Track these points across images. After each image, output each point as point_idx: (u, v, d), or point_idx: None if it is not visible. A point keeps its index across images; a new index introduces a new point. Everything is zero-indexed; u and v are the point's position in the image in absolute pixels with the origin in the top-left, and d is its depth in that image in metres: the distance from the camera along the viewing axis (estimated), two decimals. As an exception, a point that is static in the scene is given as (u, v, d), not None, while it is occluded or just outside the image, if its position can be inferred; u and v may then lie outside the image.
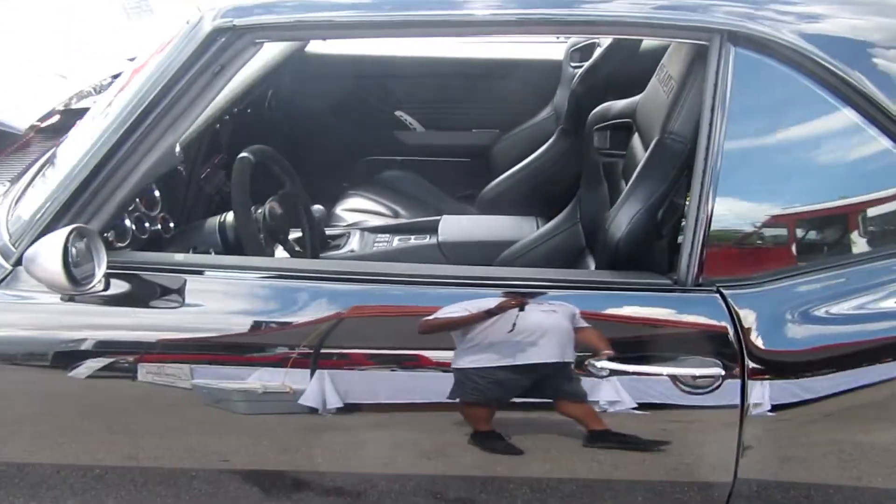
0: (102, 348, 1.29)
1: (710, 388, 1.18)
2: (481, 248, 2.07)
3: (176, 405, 1.32)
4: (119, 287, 1.29)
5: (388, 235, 2.24)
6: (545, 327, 1.20)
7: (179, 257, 1.35)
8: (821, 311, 1.18)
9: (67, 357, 1.30)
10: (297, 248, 1.96)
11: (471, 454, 1.28)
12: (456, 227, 2.17)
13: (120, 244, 1.66)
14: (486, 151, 2.82)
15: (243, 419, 1.30)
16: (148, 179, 1.35)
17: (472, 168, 2.88)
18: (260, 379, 1.26)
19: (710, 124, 1.17)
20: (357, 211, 2.59)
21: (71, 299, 1.27)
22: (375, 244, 2.20)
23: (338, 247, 2.18)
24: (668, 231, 1.35)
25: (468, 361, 1.21)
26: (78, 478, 1.43)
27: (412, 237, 2.20)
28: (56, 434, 1.39)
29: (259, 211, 1.71)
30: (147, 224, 1.79)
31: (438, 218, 2.24)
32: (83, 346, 1.29)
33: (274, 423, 1.32)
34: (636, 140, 1.59)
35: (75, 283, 1.15)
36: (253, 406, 1.29)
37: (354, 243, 2.19)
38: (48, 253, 1.11)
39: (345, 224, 2.47)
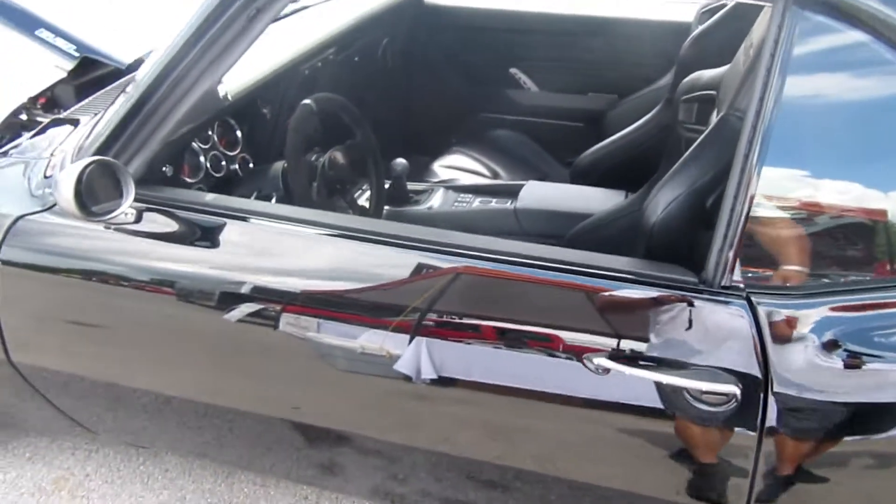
0: (141, 276, 1.35)
1: (725, 407, 1.03)
2: (556, 218, 1.95)
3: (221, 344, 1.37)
4: (152, 222, 1.34)
5: (470, 196, 2.17)
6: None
7: (217, 199, 1.37)
8: (870, 339, 0.98)
9: (114, 283, 1.38)
10: (361, 203, 1.96)
11: (528, 443, 1.22)
12: (538, 194, 2.06)
13: (191, 179, 1.74)
14: (601, 117, 2.65)
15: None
16: (189, 121, 1.38)
17: (585, 133, 2.72)
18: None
19: (763, 98, 0.99)
20: (455, 168, 2.54)
21: (108, 228, 1.34)
22: (456, 203, 2.14)
23: (417, 202, 2.15)
24: None
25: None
26: (150, 400, 1.54)
27: (493, 200, 2.12)
28: (138, 360, 1.48)
29: (320, 160, 1.71)
30: (224, 163, 1.86)
31: (523, 183, 2.13)
32: (127, 274, 1.36)
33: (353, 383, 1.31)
34: (714, 116, 1.40)
35: (87, 212, 1.20)
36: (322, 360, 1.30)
37: (435, 200, 2.15)
38: (66, 181, 1.17)
39: (436, 180, 2.43)
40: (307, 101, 1.65)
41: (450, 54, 2.78)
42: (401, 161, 2.09)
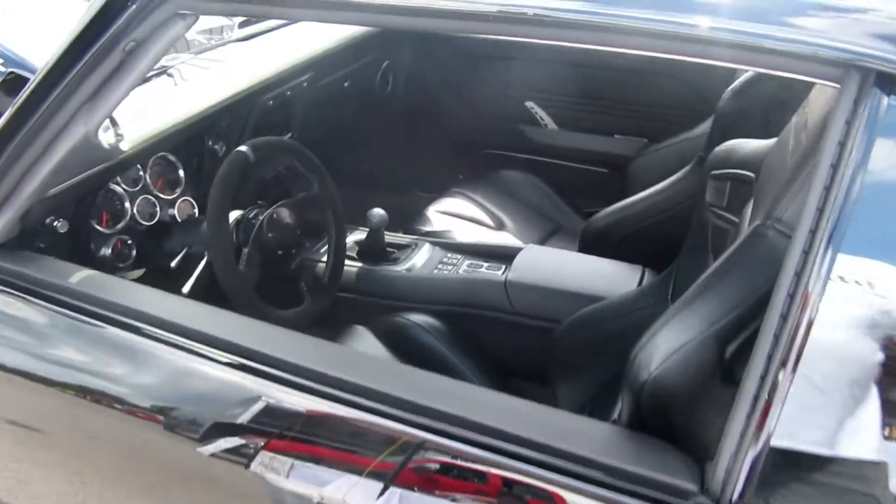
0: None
1: None
2: (554, 298, 1.61)
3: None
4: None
5: (459, 256, 1.84)
6: None
7: (85, 280, 1.05)
8: None
9: None
10: (321, 263, 1.64)
11: None
12: (535, 263, 1.72)
13: (107, 230, 1.44)
14: (627, 163, 2.29)
15: None
16: (67, 176, 1.09)
17: (608, 181, 2.37)
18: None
19: (822, 212, 0.65)
20: (453, 215, 2.21)
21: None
22: (441, 264, 1.81)
23: (396, 260, 1.83)
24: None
25: None
26: None
27: (485, 264, 1.78)
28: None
29: (260, 217, 1.39)
30: (158, 208, 1.56)
31: (521, 247, 1.79)
32: None
33: None
34: (750, 209, 1.05)
35: None
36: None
37: (418, 258, 1.83)
38: None
39: (428, 228, 2.11)
40: (242, 147, 1.34)
41: (458, 82, 2.45)
42: (378, 212, 1.77)
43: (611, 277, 1.65)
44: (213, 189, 1.30)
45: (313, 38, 1.96)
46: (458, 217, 2.22)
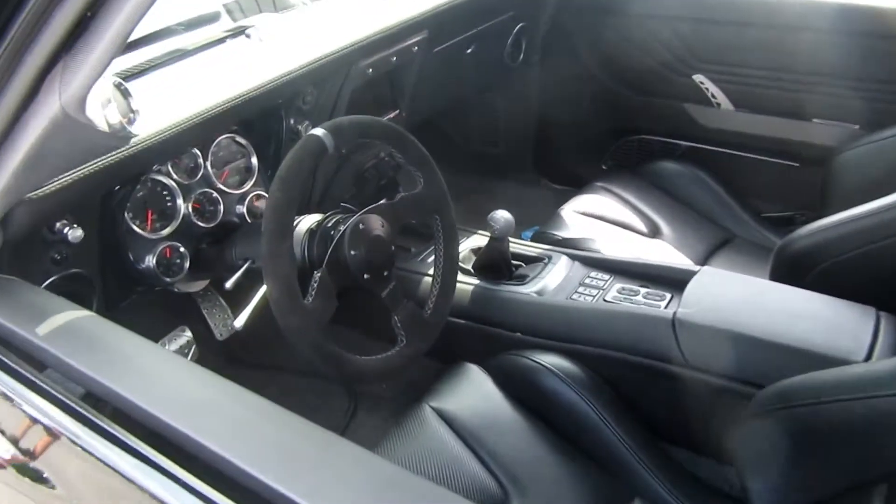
0: None
1: None
2: (749, 349, 1.13)
3: None
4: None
5: (607, 276, 1.40)
6: None
7: (49, 335, 0.70)
8: None
9: None
10: (423, 277, 1.24)
11: None
12: (718, 295, 1.24)
13: (150, 234, 1.12)
14: (829, 157, 1.75)
15: None
16: (42, 176, 0.74)
17: (801, 179, 1.88)
18: None
19: None
20: (593, 216, 1.77)
21: None
22: (582, 286, 1.38)
23: (523, 278, 1.42)
24: None
25: None
26: None
27: (642, 290, 1.33)
28: None
29: (340, 228, 1.01)
30: (221, 206, 1.22)
31: (695, 269, 1.32)
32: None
33: None
34: None
35: None
36: None
37: (551, 277, 1.41)
38: None
39: (563, 235, 1.67)
40: (317, 131, 0.96)
41: (608, 48, 1.99)
42: (503, 215, 1.35)
43: (827, 320, 1.15)
44: (272, 188, 0.92)
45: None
46: (600, 219, 1.77)
